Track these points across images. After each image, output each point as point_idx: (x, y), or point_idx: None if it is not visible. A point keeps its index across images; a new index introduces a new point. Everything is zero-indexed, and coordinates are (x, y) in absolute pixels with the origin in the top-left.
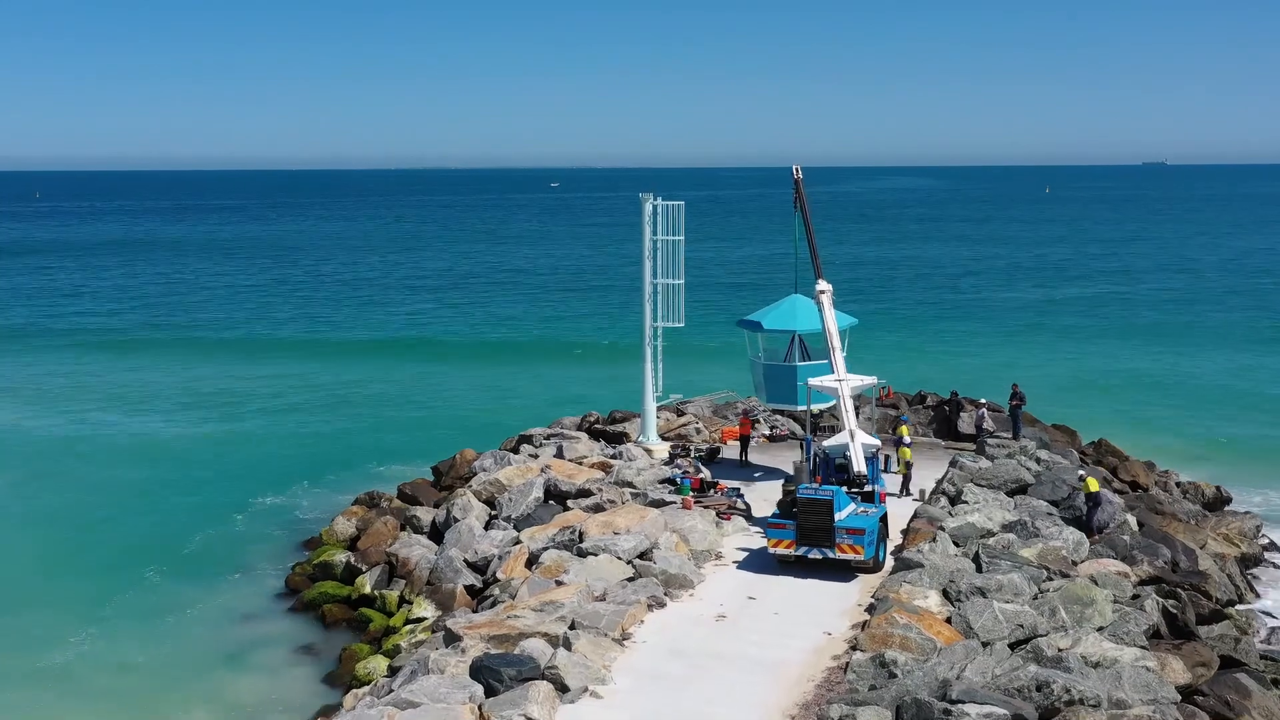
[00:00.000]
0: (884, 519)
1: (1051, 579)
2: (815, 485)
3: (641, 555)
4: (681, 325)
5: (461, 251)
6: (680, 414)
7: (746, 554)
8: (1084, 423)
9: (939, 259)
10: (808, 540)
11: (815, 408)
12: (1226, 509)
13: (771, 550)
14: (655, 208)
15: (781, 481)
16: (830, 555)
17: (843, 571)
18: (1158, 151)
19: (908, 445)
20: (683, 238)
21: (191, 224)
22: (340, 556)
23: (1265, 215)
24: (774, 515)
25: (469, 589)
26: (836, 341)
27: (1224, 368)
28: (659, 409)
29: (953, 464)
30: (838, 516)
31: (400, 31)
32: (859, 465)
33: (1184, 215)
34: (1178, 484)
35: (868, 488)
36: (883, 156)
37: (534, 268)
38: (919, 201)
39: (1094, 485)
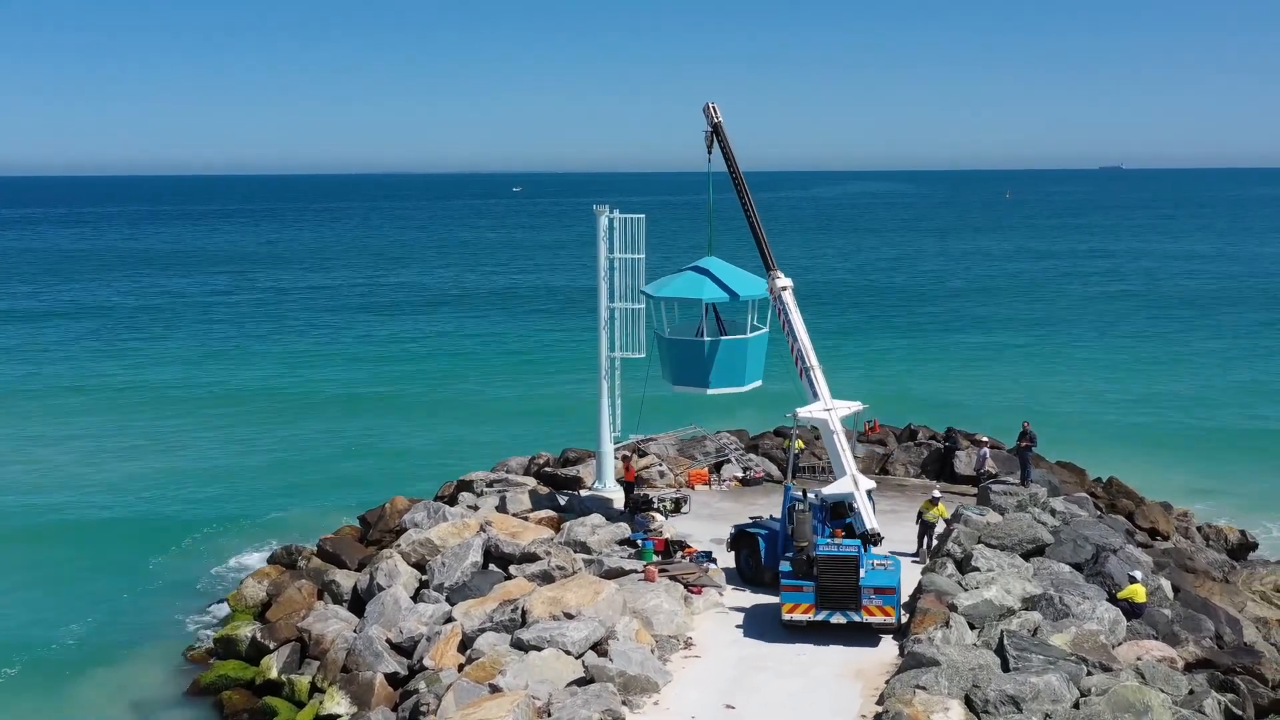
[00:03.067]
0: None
1: (1091, 673)
2: (837, 540)
3: (595, 646)
4: (642, 356)
5: (418, 263)
6: (642, 454)
7: (721, 639)
8: (1064, 441)
9: (924, 270)
10: (830, 603)
11: (793, 443)
12: (1251, 555)
13: (786, 616)
14: (611, 221)
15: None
16: (856, 619)
17: (857, 637)
18: (1113, 154)
19: (938, 499)
20: (643, 255)
21: (114, 235)
22: (246, 630)
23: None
24: (786, 575)
25: (391, 678)
26: (813, 357)
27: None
28: (617, 450)
29: (956, 517)
30: (862, 573)
31: (367, 35)
32: (870, 522)
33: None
34: (1198, 529)
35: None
36: (838, 161)
37: (492, 284)
38: (903, 207)
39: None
